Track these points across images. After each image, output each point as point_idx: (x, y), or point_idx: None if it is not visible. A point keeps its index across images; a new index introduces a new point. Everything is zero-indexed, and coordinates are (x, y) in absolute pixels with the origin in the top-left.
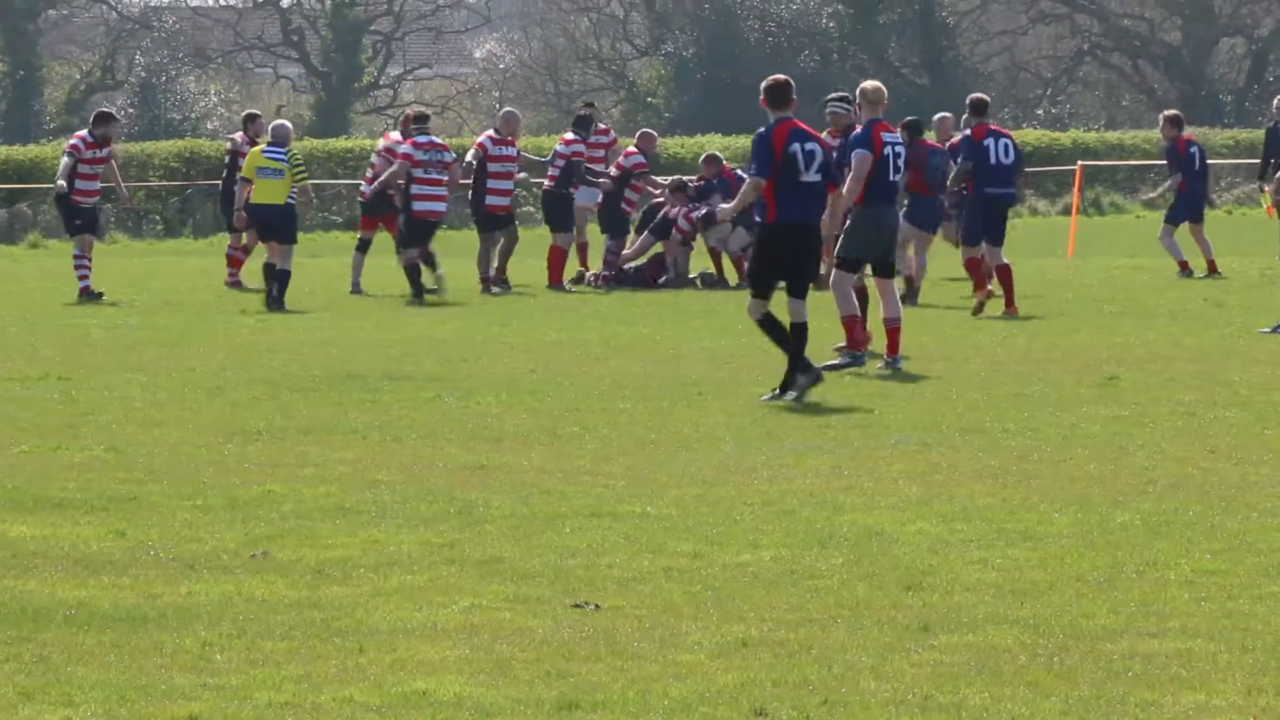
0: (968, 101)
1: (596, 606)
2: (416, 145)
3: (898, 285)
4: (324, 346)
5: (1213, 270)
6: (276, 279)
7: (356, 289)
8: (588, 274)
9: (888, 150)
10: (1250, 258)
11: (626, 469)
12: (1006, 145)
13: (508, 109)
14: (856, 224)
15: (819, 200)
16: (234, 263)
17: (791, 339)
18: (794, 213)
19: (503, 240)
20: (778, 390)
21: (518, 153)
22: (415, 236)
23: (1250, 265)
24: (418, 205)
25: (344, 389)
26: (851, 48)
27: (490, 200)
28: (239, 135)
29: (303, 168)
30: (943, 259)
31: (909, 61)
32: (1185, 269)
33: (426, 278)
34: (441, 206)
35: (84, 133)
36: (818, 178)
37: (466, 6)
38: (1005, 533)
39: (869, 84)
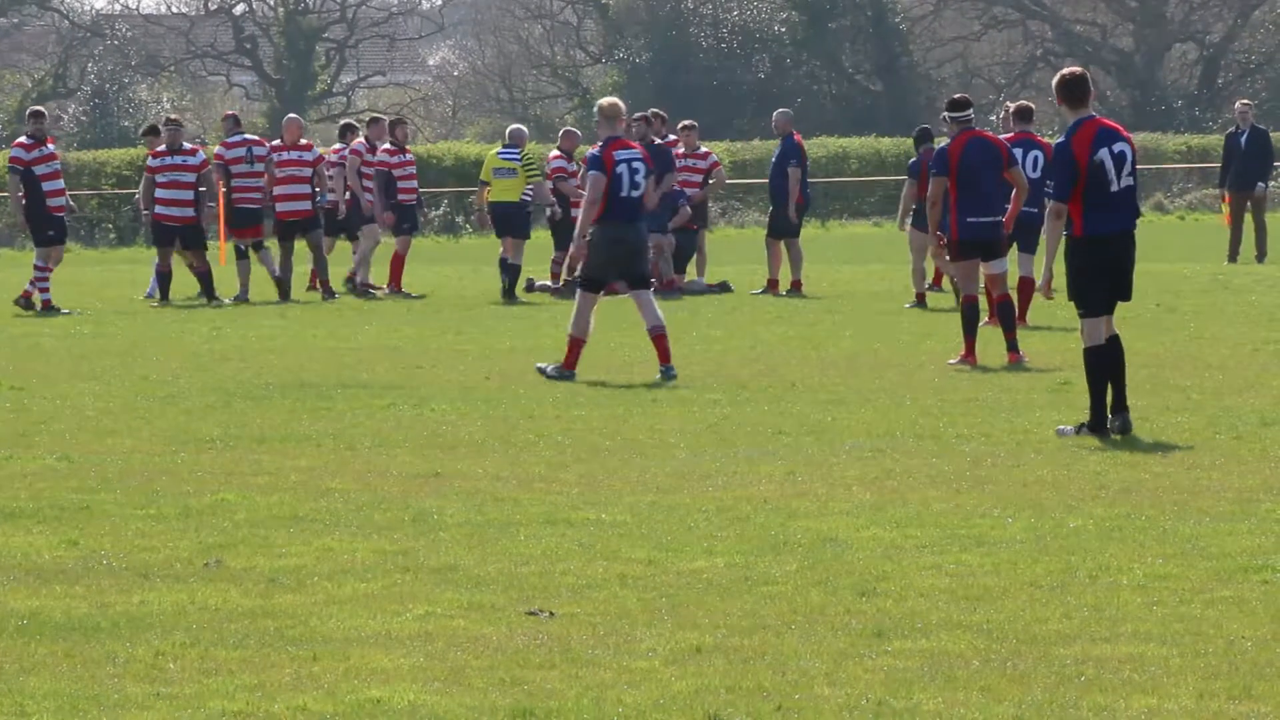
0: (1012, 109)
1: (551, 614)
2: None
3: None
4: (277, 354)
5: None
6: (507, 272)
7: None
8: (536, 282)
9: (621, 169)
10: (1201, 263)
11: (581, 476)
12: (1036, 157)
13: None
14: (593, 243)
15: (1132, 206)
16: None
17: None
18: (1104, 224)
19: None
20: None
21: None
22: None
23: (1201, 270)
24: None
25: (297, 397)
26: (804, 54)
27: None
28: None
29: (535, 168)
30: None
31: (861, 68)
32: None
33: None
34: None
35: (22, 139)
36: (1130, 182)
37: (420, 14)
38: (959, 538)
39: (605, 100)
